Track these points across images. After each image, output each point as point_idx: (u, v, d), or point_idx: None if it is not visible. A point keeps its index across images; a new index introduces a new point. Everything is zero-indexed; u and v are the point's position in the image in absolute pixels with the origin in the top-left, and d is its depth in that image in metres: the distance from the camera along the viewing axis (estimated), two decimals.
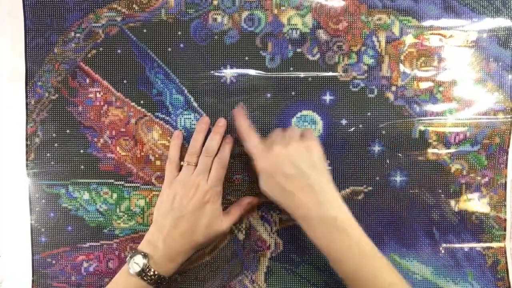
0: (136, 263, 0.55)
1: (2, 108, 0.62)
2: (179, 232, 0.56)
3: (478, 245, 0.60)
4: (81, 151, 0.62)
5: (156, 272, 0.55)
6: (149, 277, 0.54)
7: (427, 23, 0.58)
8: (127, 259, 0.55)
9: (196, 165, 0.59)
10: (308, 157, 0.54)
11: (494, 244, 0.60)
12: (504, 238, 0.60)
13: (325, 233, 0.52)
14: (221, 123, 0.60)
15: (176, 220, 0.56)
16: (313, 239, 0.53)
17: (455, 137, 0.59)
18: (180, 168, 0.60)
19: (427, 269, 0.61)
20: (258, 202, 0.62)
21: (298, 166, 0.53)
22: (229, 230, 0.60)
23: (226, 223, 0.59)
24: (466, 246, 0.60)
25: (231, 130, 0.60)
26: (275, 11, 0.59)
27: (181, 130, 0.61)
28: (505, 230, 0.60)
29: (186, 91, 0.61)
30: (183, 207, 0.57)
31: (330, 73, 0.60)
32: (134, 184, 0.62)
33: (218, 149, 0.59)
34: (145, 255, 0.55)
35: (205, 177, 0.58)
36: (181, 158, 0.60)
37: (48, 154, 0.62)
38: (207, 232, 0.57)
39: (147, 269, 0.54)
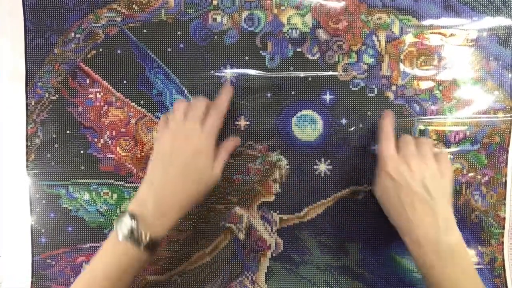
0: (124, 225, 0.50)
1: (2, 109, 0.62)
2: (170, 180, 0.53)
3: (476, 243, 0.61)
4: (81, 151, 0.63)
5: (147, 235, 0.50)
6: (139, 241, 0.50)
7: (427, 22, 0.59)
8: (114, 223, 0.51)
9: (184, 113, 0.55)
10: (440, 183, 0.53)
11: (493, 242, 0.61)
12: (503, 236, 0.60)
13: (438, 260, 0.51)
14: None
15: (167, 168, 0.53)
16: (422, 264, 0.52)
17: (455, 136, 0.60)
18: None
19: None
20: (237, 142, 0.60)
21: (428, 189, 0.52)
22: (219, 178, 0.56)
23: (216, 170, 0.55)
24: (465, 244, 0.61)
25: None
26: (275, 11, 0.60)
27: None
28: (503, 228, 0.60)
29: (186, 91, 0.61)
30: (174, 156, 0.53)
31: (330, 73, 0.60)
32: (134, 185, 0.63)
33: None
34: (133, 216, 0.50)
35: (197, 123, 0.54)
36: None
37: (49, 155, 0.63)
38: (199, 181, 0.54)
39: (137, 232, 0.50)
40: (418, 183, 0.52)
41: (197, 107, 0.55)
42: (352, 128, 0.60)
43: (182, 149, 0.53)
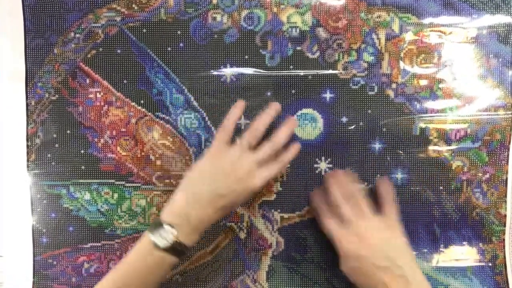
0: (165, 236, 0.52)
1: (3, 109, 0.63)
2: (215, 208, 0.54)
3: (477, 241, 0.61)
4: (82, 151, 0.63)
5: (185, 245, 0.53)
6: (177, 251, 0.53)
7: (426, 20, 0.59)
8: (149, 229, 0.53)
9: (253, 148, 0.56)
10: (396, 245, 0.54)
11: (494, 240, 0.61)
12: (504, 233, 0.61)
13: None
14: (293, 122, 0.59)
15: (215, 197, 0.54)
16: None
17: (456, 134, 0.60)
18: (230, 140, 0.57)
19: (427, 265, 0.62)
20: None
21: (389, 258, 0.52)
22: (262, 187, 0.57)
23: (257, 183, 0.55)
24: (466, 242, 0.61)
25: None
26: (275, 10, 0.60)
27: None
28: (505, 225, 0.61)
29: (186, 90, 0.62)
30: (227, 186, 0.54)
31: (330, 71, 0.60)
32: (135, 184, 0.63)
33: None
34: (172, 226, 0.52)
35: (260, 168, 0.55)
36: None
37: (49, 155, 0.63)
38: (237, 202, 0.56)
39: (177, 243, 0.52)
40: (379, 258, 0.52)
41: (266, 152, 0.56)
42: (353, 127, 0.61)
43: (238, 185, 0.54)
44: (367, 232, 0.53)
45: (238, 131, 0.61)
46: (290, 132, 0.58)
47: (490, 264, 0.61)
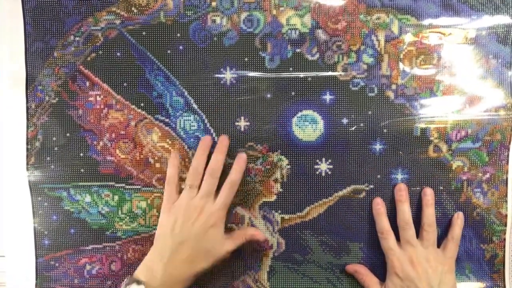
0: None
1: (3, 112, 0.65)
2: (180, 258, 0.58)
3: (478, 241, 0.63)
4: (81, 154, 0.65)
5: None
6: None
7: (426, 21, 0.61)
8: (122, 286, 0.57)
9: (198, 188, 0.61)
10: (444, 279, 0.59)
11: (494, 239, 0.63)
12: (504, 233, 0.63)
13: None
14: (225, 141, 0.62)
15: (177, 245, 0.58)
16: None
17: (456, 134, 0.62)
18: (179, 190, 0.63)
19: None
20: (262, 238, 0.63)
21: (432, 287, 0.58)
22: (229, 255, 0.61)
23: (228, 247, 0.60)
24: (466, 242, 0.63)
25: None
26: (274, 12, 0.62)
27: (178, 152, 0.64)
28: (505, 225, 0.63)
29: (186, 93, 0.63)
30: (185, 231, 0.58)
31: (330, 73, 0.62)
32: (135, 186, 0.65)
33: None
34: (140, 283, 0.56)
35: (209, 199, 0.60)
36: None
37: (48, 158, 0.65)
38: (209, 257, 0.59)
39: None
40: (425, 282, 0.58)
41: (209, 183, 0.60)
42: (353, 128, 0.63)
43: (194, 226, 0.58)
44: (422, 259, 0.59)
45: (238, 133, 0.63)
46: (223, 155, 0.62)
47: (489, 263, 0.63)
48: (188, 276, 0.58)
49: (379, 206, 0.62)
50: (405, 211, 0.61)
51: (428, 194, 0.62)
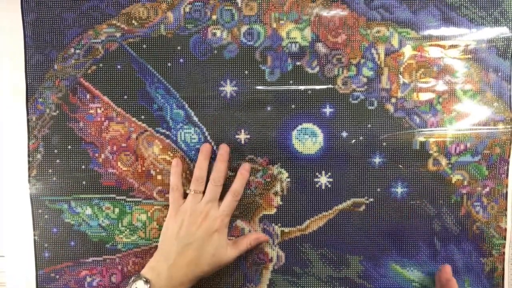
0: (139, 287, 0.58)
1: (4, 125, 0.66)
2: (185, 260, 0.60)
3: (478, 255, 0.64)
4: (83, 166, 0.66)
5: None
6: None
7: (426, 34, 0.62)
8: (129, 282, 0.59)
9: (202, 193, 0.63)
10: None
11: (494, 253, 0.64)
12: (504, 247, 0.64)
13: None
14: (225, 149, 0.63)
15: (182, 248, 0.60)
16: None
17: (455, 148, 0.63)
18: (184, 195, 0.64)
19: (426, 277, 0.65)
20: (265, 240, 0.65)
21: None
22: (233, 261, 0.63)
23: (232, 254, 0.62)
24: (466, 255, 0.64)
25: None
26: (274, 25, 0.63)
27: (179, 157, 0.65)
28: (505, 239, 0.64)
29: (186, 105, 0.64)
30: (190, 234, 0.60)
31: (330, 86, 0.63)
32: (135, 199, 0.66)
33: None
34: (147, 281, 0.58)
35: (214, 205, 0.62)
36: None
37: (50, 170, 0.66)
38: (212, 261, 0.61)
39: None
40: None
41: (213, 191, 0.62)
42: (353, 141, 0.63)
43: (199, 230, 0.61)
44: None
45: (238, 146, 0.64)
46: (225, 163, 0.63)
47: (488, 276, 0.64)
48: (191, 278, 0.60)
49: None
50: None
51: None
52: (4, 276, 0.68)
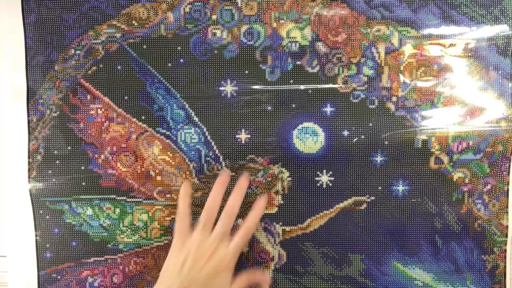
0: None
1: (5, 126, 0.66)
2: None
3: (479, 252, 0.65)
4: (82, 167, 0.66)
5: None
6: None
7: (426, 33, 0.62)
8: None
9: (212, 226, 0.60)
10: None
11: (496, 250, 0.64)
12: (505, 244, 0.64)
13: None
14: (245, 181, 0.63)
15: (184, 286, 0.57)
16: None
17: (457, 146, 0.63)
18: (191, 223, 0.62)
19: (428, 275, 0.65)
20: (266, 281, 0.63)
21: None
22: None
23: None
24: (468, 253, 0.64)
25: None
26: (274, 25, 0.63)
27: (189, 179, 0.66)
28: (506, 236, 0.64)
29: (187, 106, 0.65)
30: (193, 275, 0.57)
31: (330, 85, 0.64)
32: (136, 199, 0.67)
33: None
34: None
35: (223, 242, 0.59)
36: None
37: (50, 171, 0.67)
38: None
39: None
40: None
41: (225, 224, 0.60)
42: (355, 140, 0.64)
43: (204, 269, 0.58)
44: None
45: (238, 146, 0.64)
46: (242, 194, 0.62)
47: (490, 274, 0.65)
48: None
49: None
50: None
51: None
52: (6, 276, 0.68)
